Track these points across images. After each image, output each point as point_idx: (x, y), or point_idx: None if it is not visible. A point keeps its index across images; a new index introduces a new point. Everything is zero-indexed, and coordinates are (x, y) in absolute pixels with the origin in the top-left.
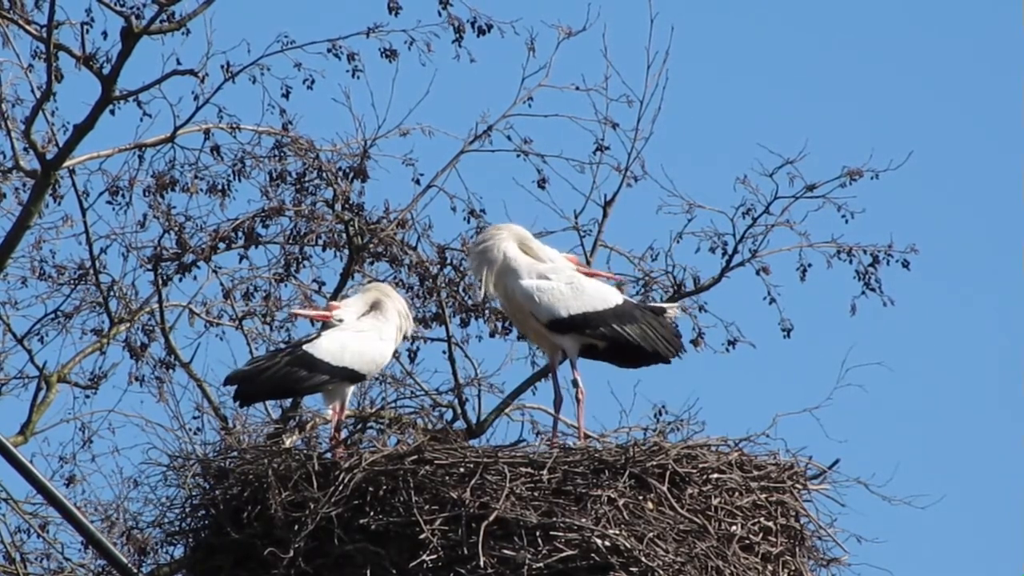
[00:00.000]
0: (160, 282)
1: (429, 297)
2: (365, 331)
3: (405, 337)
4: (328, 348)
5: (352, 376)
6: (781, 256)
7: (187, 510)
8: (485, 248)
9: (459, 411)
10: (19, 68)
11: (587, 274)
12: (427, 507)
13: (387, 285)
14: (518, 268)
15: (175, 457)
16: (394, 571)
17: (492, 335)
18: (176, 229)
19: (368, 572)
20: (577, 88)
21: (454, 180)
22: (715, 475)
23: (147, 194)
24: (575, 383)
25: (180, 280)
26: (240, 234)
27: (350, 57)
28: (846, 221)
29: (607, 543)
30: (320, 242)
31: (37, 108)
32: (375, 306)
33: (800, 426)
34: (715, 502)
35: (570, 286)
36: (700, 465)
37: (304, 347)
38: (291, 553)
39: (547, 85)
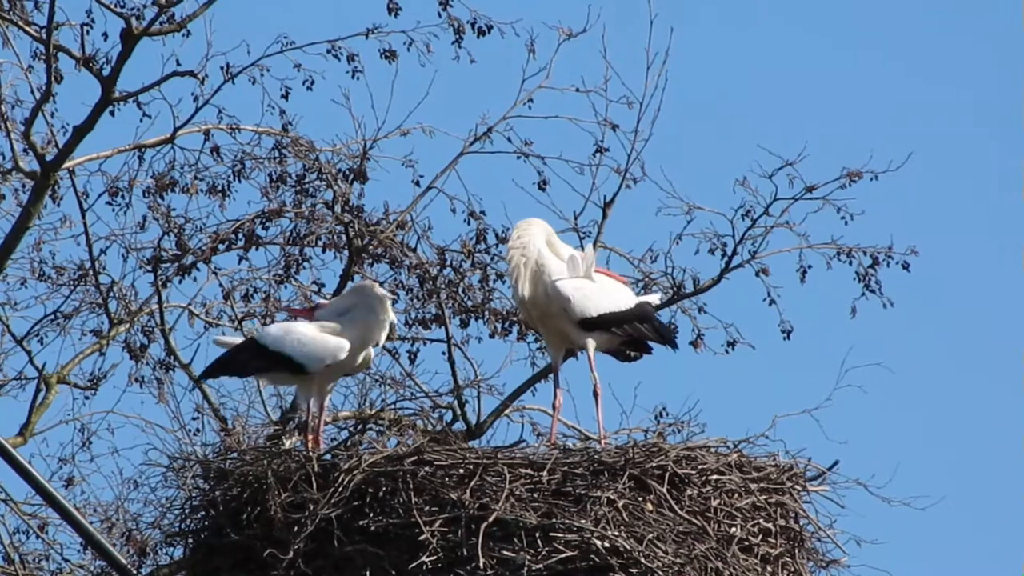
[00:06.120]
0: (160, 283)
1: (429, 299)
2: (312, 325)
3: (390, 337)
4: (271, 336)
5: (292, 367)
6: (781, 257)
7: (187, 511)
8: (522, 246)
9: (459, 412)
10: (19, 69)
11: (600, 272)
12: (427, 508)
13: (370, 285)
14: (551, 266)
15: (175, 458)
16: (394, 572)
17: (492, 336)
18: (176, 230)
19: (368, 573)
20: (577, 90)
21: (454, 182)
22: (714, 476)
23: (147, 195)
24: (593, 380)
25: (180, 281)
26: (240, 235)
27: (350, 58)
28: (846, 223)
29: (606, 544)
30: (320, 243)
31: (37, 109)
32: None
33: (799, 427)
34: (714, 503)
35: (599, 286)
36: (699, 466)
37: (253, 333)
38: (290, 554)
39: (547, 87)
